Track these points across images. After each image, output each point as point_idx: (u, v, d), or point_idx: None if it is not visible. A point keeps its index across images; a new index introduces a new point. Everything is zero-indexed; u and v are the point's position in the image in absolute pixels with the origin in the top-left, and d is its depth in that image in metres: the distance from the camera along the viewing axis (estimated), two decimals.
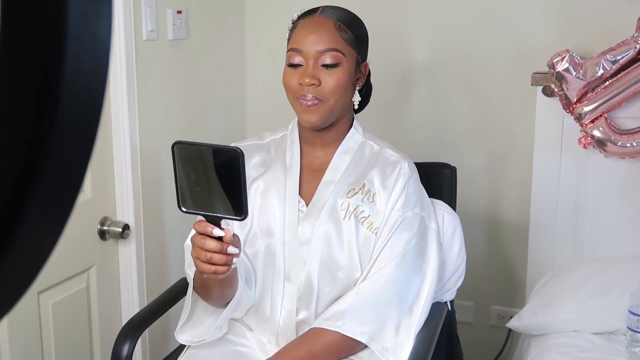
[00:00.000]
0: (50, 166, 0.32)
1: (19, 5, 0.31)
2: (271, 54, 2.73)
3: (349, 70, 1.61)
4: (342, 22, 1.61)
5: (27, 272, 0.35)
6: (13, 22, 0.31)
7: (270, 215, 1.66)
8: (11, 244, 0.32)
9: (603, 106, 2.22)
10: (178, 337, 1.66)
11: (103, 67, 0.33)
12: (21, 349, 1.87)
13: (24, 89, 0.31)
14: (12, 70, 0.32)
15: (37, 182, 0.31)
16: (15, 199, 0.32)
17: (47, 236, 0.34)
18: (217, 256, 1.33)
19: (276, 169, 1.70)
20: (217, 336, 1.66)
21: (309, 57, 1.59)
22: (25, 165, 0.31)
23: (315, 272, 1.63)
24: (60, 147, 0.32)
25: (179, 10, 2.32)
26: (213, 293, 1.53)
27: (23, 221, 0.32)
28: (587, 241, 2.41)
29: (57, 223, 0.34)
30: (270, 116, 2.75)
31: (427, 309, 1.66)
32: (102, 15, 0.32)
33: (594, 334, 2.07)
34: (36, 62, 0.31)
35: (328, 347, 1.56)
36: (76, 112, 0.32)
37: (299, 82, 1.58)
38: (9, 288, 0.34)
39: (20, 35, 0.31)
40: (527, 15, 2.44)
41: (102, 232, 2.12)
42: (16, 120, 0.31)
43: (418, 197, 1.69)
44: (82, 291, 2.09)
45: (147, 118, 2.20)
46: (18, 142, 0.31)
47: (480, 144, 2.57)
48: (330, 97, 1.59)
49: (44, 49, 0.31)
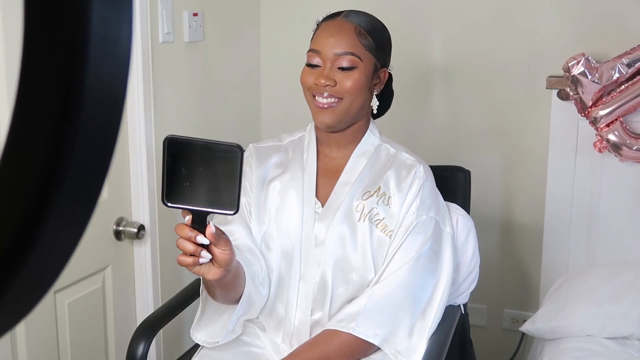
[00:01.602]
0: (71, 171, 0.32)
1: (42, 13, 0.32)
2: (286, 55, 2.74)
3: (366, 74, 1.62)
4: (362, 27, 1.63)
5: (48, 274, 0.36)
6: (35, 28, 0.32)
7: (287, 216, 1.67)
8: (33, 248, 0.33)
9: (618, 110, 2.21)
10: (193, 335, 1.67)
11: (123, 73, 0.33)
12: (37, 347, 1.89)
13: (45, 94, 0.32)
14: (34, 76, 0.32)
15: (58, 187, 0.32)
16: (37, 203, 0.32)
17: (68, 239, 0.35)
18: (201, 251, 1.29)
19: (293, 170, 1.71)
20: (231, 338, 1.67)
21: (327, 59, 1.61)
22: (46, 170, 0.32)
23: (330, 273, 1.64)
24: (82, 152, 0.33)
25: (195, 13, 2.33)
26: (216, 293, 1.53)
27: (45, 224, 0.33)
28: (601, 245, 2.41)
29: (77, 226, 0.35)
30: (285, 117, 2.76)
31: (441, 312, 1.66)
32: (123, 22, 0.33)
33: (608, 338, 2.06)
34: (58, 69, 0.32)
35: (341, 348, 1.57)
36: (97, 118, 0.33)
37: (315, 82, 1.61)
38: (31, 289, 0.35)
39: (42, 42, 0.32)
40: (543, 18, 2.43)
41: (118, 232, 2.14)
42: (38, 126, 0.32)
43: (433, 200, 1.69)
44: (98, 291, 2.11)
45: (163, 119, 2.22)
46: (40, 147, 0.32)
47: (495, 148, 2.57)
48: (345, 96, 1.60)
49: (66, 55, 0.32)
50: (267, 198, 1.70)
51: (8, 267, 0.33)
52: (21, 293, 0.36)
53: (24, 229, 0.33)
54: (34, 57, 0.32)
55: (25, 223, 0.33)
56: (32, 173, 0.32)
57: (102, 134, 0.34)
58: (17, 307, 0.37)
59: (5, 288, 0.34)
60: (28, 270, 0.34)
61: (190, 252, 1.29)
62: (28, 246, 0.33)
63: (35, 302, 0.37)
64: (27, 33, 0.32)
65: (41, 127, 0.32)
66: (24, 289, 0.36)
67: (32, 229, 0.33)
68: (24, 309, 0.37)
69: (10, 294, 0.35)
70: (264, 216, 1.69)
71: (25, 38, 0.32)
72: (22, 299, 0.36)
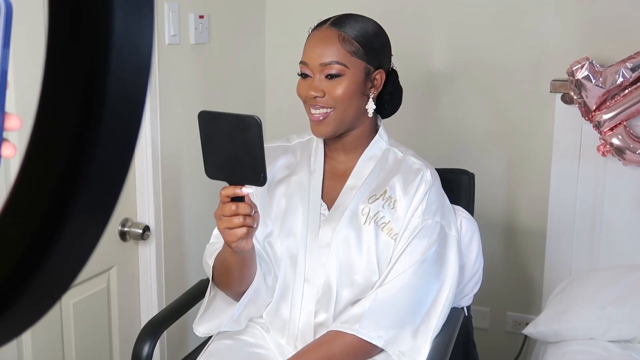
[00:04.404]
0: (93, 173, 0.33)
1: (66, 20, 0.33)
2: (291, 58, 2.74)
3: (354, 80, 1.62)
4: (347, 33, 1.62)
5: (67, 274, 0.36)
6: (59, 35, 0.33)
7: (293, 218, 1.68)
8: (54, 247, 0.34)
9: (622, 114, 2.22)
10: (196, 329, 1.70)
11: (144, 78, 0.34)
12: (42, 347, 1.90)
13: (68, 99, 0.33)
14: (57, 81, 0.33)
15: (79, 191, 0.33)
16: (58, 207, 0.33)
17: (88, 239, 0.36)
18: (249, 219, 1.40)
19: (301, 172, 1.72)
20: (233, 328, 1.69)
21: (315, 69, 1.62)
22: (68, 175, 0.33)
23: (335, 275, 1.65)
24: (103, 154, 0.34)
25: (201, 15, 2.34)
26: (234, 274, 1.57)
27: (67, 223, 0.34)
28: (604, 249, 2.41)
29: (97, 226, 0.36)
30: (289, 120, 2.77)
31: (445, 314, 1.66)
32: (145, 30, 0.34)
33: (611, 341, 2.06)
34: (81, 74, 0.33)
35: (345, 349, 1.58)
36: (118, 123, 0.34)
37: (305, 94, 1.64)
38: (54, 286, 0.36)
39: (66, 49, 0.33)
40: (548, 22, 2.44)
41: (123, 233, 2.15)
42: (60, 131, 0.33)
43: (439, 205, 1.69)
44: (103, 291, 2.12)
45: (169, 121, 2.23)
46: (62, 152, 0.33)
47: (499, 151, 2.58)
48: (336, 105, 1.61)
49: (89, 61, 0.32)
50: (272, 200, 1.71)
51: (30, 266, 0.34)
52: (40, 293, 0.36)
53: (45, 231, 0.34)
54: (58, 62, 0.33)
55: (46, 226, 0.33)
56: (53, 177, 0.33)
57: (123, 139, 0.34)
58: (30, 312, 0.37)
59: (26, 287, 0.35)
60: (51, 265, 0.34)
61: (249, 212, 1.40)
62: (49, 248, 0.34)
63: (49, 306, 0.38)
64: (51, 40, 0.33)
65: (63, 132, 0.33)
66: (44, 288, 0.36)
67: (53, 232, 0.34)
68: (44, 308, 0.38)
69: (28, 296, 0.35)
70: (267, 218, 1.70)
71: (49, 44, 0.33)
72: (39, 301, 0.37)
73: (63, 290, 0.37)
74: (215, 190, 1.46)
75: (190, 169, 2.38)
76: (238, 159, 1.33)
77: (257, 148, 1.30)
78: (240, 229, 1.40)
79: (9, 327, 0.37)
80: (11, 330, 0.38)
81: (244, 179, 1.36)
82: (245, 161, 1.33)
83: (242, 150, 1.32)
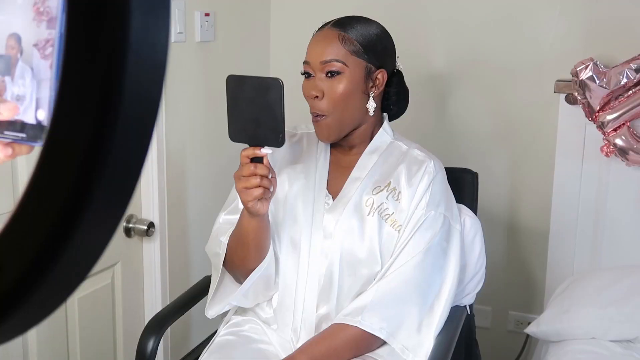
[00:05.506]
0: (107, 173, 0.34)
1: (84, 19, 0.33)
2: (296, 56, 2.74)
3: (353, 79, 1.63)
4: (347, 33, 1.63)
5: (81, 270, 0.37)
6: (77, 33, 0.34)
7: (296, 207, 1.70)
8: (70, 242, 0.34)
9: (626, 115, 2.22)
10: (208, 313, 1.70)
11: (160, 76, 0.35)
12: (47, 342, 1.91)
13: (85, 97, 0.34)
14: (75, 78, 0.34)
15: (95, 188, 0.34)
16: (75, 201, 0.34)
17: (102, 234, 0.37)
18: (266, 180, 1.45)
19: (306, 162, 1.74)
20: (241, 303, 1.71)
21: (316, 68, 1.64)
22: (84, 172, 0.33)
23: (336, 265, 1.66)
24: (120, 152, 0.34)
25: (207, 13, 2.35)
26: (249, 244, 1.58)
27: (83, 217, 0.34)
28: (606, 249, 2.41)
29: (112, 221, 0.37)
30: (294, 117, 2.76)
31: (448, 308, 1.67)
32: (161, 28, 0.34)
33: (613, 341, 2.07)
34: (98, 72, 0.33)
35: (347, 341, 1.59)
36: (135, 120, 0.35)
37: (307, 94, 1.66)
38: (72, 276, 0.36)
39: (83, 46, 0.34)
40: (551, 22, 2.44)
41: (128, 229, 2.16)
42: (77, 129, 0.34)
43: (443, 196, 1.70)
44: (107, 287, 2.13)
45: (174, 118, 2.24)
46: (78, 150, 0.33)
47: (502, 151, 2.58)
48: (333, 111, 1.63)
49: (106, 59, 0.33)
50: (278, 189, 1.71)
51: (48, 259, 0.35)
52: (56, 287, 0.37)
53: (61, 226, 0.34)
54: (75, 61, 0.34)
55: (63, 220, 0.34)
56: (70, 174, 0.34)
57: (139, 136, 0.35)
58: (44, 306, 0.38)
59: (43, 279, 0.36)
60: (63, 266, 0.35)
61: (266, 173, 1.45)
62: (65, 242, 0.34)
63: (61, 301, 0.38)
64: (69, 37, 0.34)
65: (80, 130, 0.34)
66: (59, 282, 0.37)
67: (71, 222, 0.34)
68: (60, 298, 0.39)
69: (44, 289, 0.36)
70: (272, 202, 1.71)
71: (67, 42, 0.34)
72: (54, 294, 0.38)
73: (77, 284, 0.38)
74: (220, 187, 1.48)
75: (195, 165, 2.39)
76: (260, 121, 1.40)
77: (278, 109, 1.38)
78: (257, 189, 1.44)
79: (23, 319, 0.38)
80: (26, 322, 0.38)
81: (264, 140, 1.42)
82: (266, 122, 1.40)
83: (264, 111, 1.39)
